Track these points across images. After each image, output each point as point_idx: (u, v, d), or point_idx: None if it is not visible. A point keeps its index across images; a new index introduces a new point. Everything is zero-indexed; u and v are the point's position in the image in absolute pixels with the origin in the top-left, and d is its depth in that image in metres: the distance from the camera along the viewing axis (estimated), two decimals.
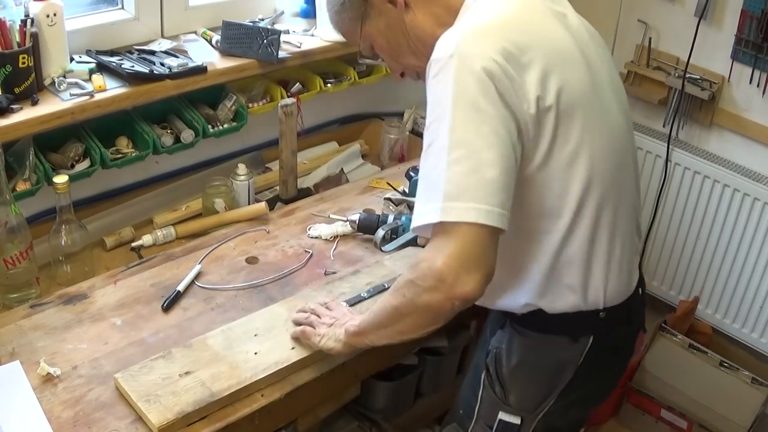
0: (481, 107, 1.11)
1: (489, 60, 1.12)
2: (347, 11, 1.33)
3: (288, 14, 2.16)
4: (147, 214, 1.89)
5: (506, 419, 1.38)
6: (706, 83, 2.41)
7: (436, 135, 1.12)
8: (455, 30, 1.19)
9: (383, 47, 1.37)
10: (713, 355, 2.42)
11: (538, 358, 1.35)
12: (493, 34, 1.16)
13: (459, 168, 1.09)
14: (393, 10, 1.30)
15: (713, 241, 2.54)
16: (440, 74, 1.14)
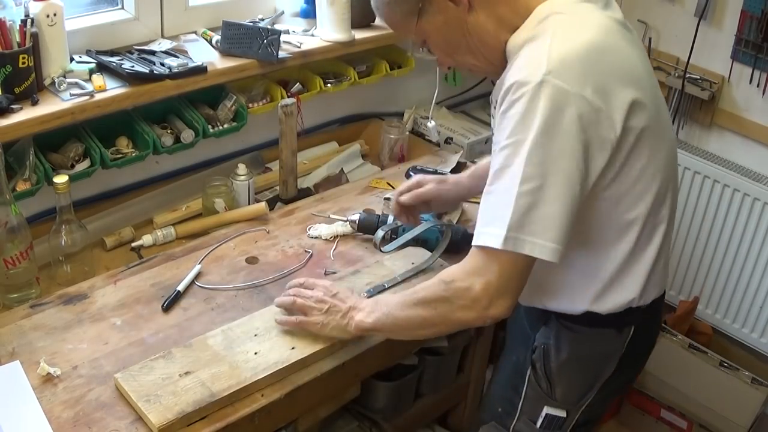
0: (560, 144, 1.14)
1: (578, 97, 1.14)
2: (400, 5, 1.27)
3: (288, 14, 2.15)
4: (147, 214, 1.89)
5: (552, 413, 1.41)
6: (706, 83, 2.41)
7: (512, 160, 1.15)
8: (541, 51, 1.16)
9: (438, 44, 1.32)
10: (713, 355, 2.42)
11: (587, 351, 1.38)
12: (587, 65, 1.17)
13: (526, 200, 1.14)
14: (453, 8, 1.24)
15: (713, 241, 2.54)
16: (525, 100, 1.14)
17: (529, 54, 1.18)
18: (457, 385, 1.94)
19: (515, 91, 1.15)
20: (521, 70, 1.16)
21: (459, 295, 1.23)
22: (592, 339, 1.37)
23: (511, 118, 1.16)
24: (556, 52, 1.15)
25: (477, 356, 1.91)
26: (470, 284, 1.21)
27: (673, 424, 2.44)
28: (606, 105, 1.17)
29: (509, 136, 1.16)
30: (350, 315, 1.39)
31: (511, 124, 1.16)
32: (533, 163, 1.14)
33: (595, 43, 1.19)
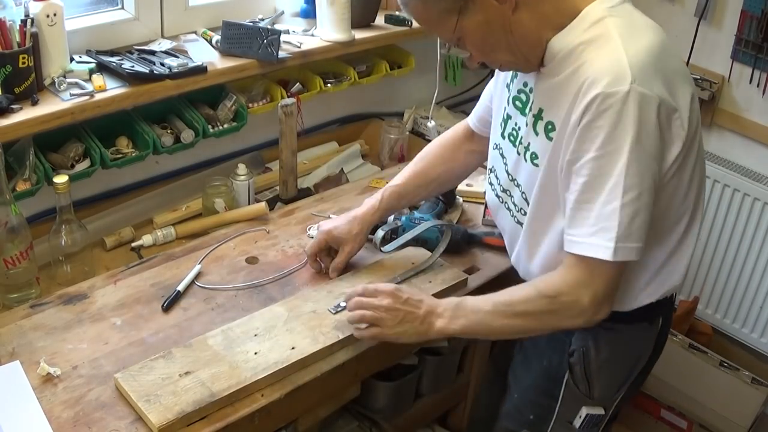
0: (651, 152, 1.19)
1: (660, 101, 1.17)
2: (439, 2, 1.22)
3: (288, 14, 2.16)
4: (147, 214, 1.89)
5: (591, 412, 1.43)
6: (706, 83, 2.41)
7: (609, 170, 1.18)
8: (618, 58, 1.17)
9: (476, 42, 1.28)
10: (713, 355, 2.42)
11: (624, 348, 1.41)
12: (658, 67, 1.20)
13: (629, 211, 1.19)
14: (496, 6, 1.21)
15: (713, 241, 2.54)
16: (615, 110, 1.16)
17: (603, 60, 1.18)
18: (457, 385, 1.94)
19: (602, 102, 1.16)
20: (602, 79, 1.16)
21: (567, 308, 1.27)
22: (629, 335, 1.40)
23: (602, 128, 1.17)
24: (635, 58, 1.17)
25: (477, 356, 1.91)
26: (578, 297, 1.25)
27: (673, 424, 2.44)
28: (678, 104, 1.21)
29: (601, 146, 1.18)
30: (429, 321, 1.36)
31: (602, 135, 1.17)
32: (632, 173, 1.18)
33: (659, 44, 1.23)
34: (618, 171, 1.17)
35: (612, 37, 1.19)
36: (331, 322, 1.50)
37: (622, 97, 1.15)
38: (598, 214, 1.21)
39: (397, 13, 2.20)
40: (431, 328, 1.36)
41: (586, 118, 1.18)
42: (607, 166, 1.18)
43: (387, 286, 1.41)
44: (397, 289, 1.41)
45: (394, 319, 1.37)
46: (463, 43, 1.29)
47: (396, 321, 1.37)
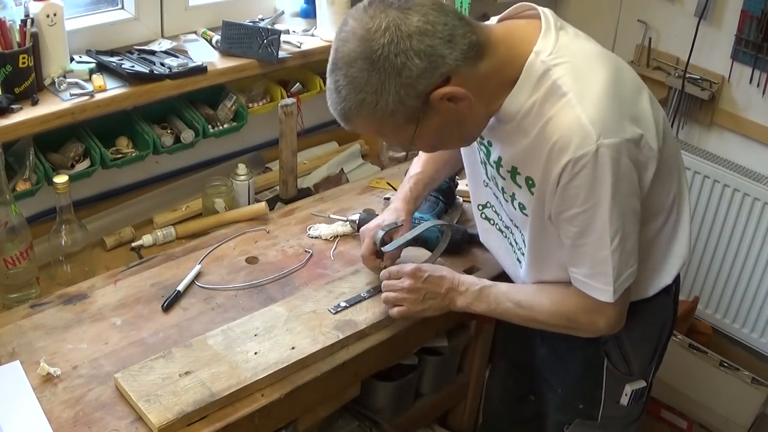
0: (630, 190, 1.24)
1: (626, 141, 1.20)
2: (397, 117, 1.20)
3: (288, 14, 2.15)
4: (147, 214, 1.89)
5: (635, 387, 1.51)
6: (706, 83, 2.41)
7: (593, 222, 1.24)
8: (577, 117, 1.18)
9: (430, 142, 1.31)
10: (713, 355, 2.42)
11: (651, 321, 1.48)
12: (616, 104, 1.22)
13: (619, 251, 1.26)
14: (452, 107, 1.21)
15: (713, 241, 2.54)
16: (588, 170, 1.19)
17: (564, 122, 1.19)
18: (457, 385, 1.94)
19: (574, 166, 1.19)
20: (569, 146, 1.19)
21: (584, 329, 1.38)
22: (652, 309, 1.46)
23: (579, 188, 1.21)
24: (593, 112, 1.19)
25: (477, 356, 1.91)
26: (593, 320, 1.35)
27: (673, 424, 2.44)
28: (642, 127, 1.24)
29: (583, 203, 1.23)
30: (450, 297, 1.47)
31: (582, 193, 1.22)
32: (614, 220, 1.23)
33: (609, 77, 1.23)
34: (602, 222, 1.23)
35: (564, 93, 1.20)
36: (331, 322, 1.50)
37: (591, 157, 1.18)
38: (592, 260, 1.28)
39: None
40: (453, 304, 1.48)
41: (563, 180, 1.22)
42: (592, 218, 1.24)
43: (408, 267, 1.50)
44: (418, 268, 1.49)
45: (417, 298, 1.47)
46: (415, 145, 1.30)
47: (419, 299, 1.48)
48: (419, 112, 1.20)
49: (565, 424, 1.57)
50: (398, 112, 1.19)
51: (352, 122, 1.24)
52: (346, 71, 1.17)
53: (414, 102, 1.18)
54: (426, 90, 1.17)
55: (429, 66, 1.15)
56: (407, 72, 1.15)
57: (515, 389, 1.83)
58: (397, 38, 1.13)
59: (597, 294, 1.30)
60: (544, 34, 1.24)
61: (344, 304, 1.54)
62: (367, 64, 1.15)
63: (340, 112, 1.23)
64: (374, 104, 1.18)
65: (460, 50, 1.17)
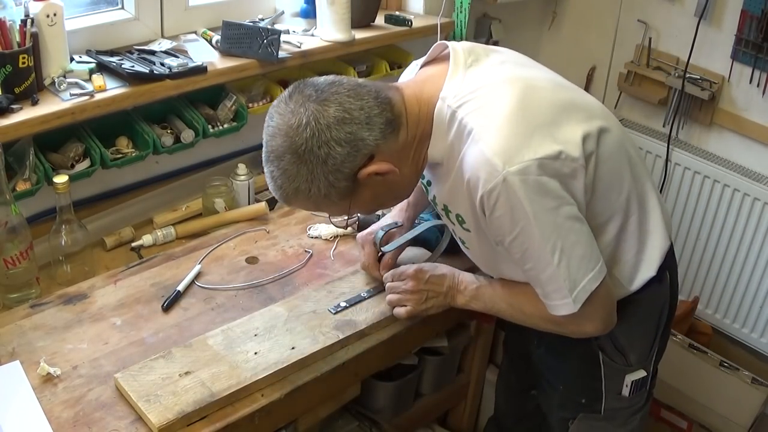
0: (551, 206, 1.24)
1: (539, 161, 1.23)
2: (331, 197, 1.29)
3: (288, 14, 2.16)
4: (147, 214, 1.89)
5: (635, 378, 1.52)
6: (706, 83, 2.41)
7: (529, 245, 1.27)
8: (482, 156, 1.23)
9: (367, 209, 1.43)
10: (713, 355, 2.42)
11: (643, 311, 1.48)
12: (521, 129, 1.24)
13: (564, 264, 1.27)
14: (380, 179, 1.30)
15: (713, 241, 2.54)
16: (503, 200, 1.23)
17: (472, 161, 1.25)
18: (457, 385, 1.94)
19: (488, 199, 1.24)
20: (478, 181, 1.24)
21: (574, 333, 1.40)
22: (645, 300, 1.46)
23: (501, 217, 1.26)
24: (494, 143, 1.23)
25: (477, 356, 1.91)
26: (580, 326, 1.37)
27: (673, 424, 2.44)
28: (559, 143, 1.25)
29: (511, 231, 1.27)
30: (451, 295, 1.52)
31: (507, 222, 1.26)
32: (546, 236, 1.25)
33: (515, 102, 1.26)
34: (536, 242, 1.25)
35: (471, 131, 1.26)
36: (331, 322, 1.50)
37: (501, 188, 1.22)
38: (542, 280, 1.31)
39: (397, 13, 2.20)
40: (454, 301, 1.52)
41: (486, 214, 1.27)
42: (526, 242, 1.27)
43: (410, 269, 1.54)
44: (419, 270, 1.53)
45: (420, 299, 1.52)
46: (353, 213, 1.40)
47: (421, 300, 1.52)
48: (350, 190, 1.29)
49: (570, 420, 1.58)
50: (331, 194, 1.28)
51: (292, 204, 1.35)
52: (278, 164, 1.27)
53: (344, 183, 1.27)
54: (352, 171, 1.26)
55: (351, 150, 1.24)
56: (332, 160, 1.24)
57: (518, 383, 1.83)
58: (318, 131, 1.22)
59: (559, 310, 1.32)
60: (450, 78, 1.32)
61: (344, 304, 1.55)
62: (295, 158, 1.24)
63: (279, 197, 1.33)
64: (308, 191, 1.28)
65: (378, 129, 1.26)
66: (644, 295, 1.46)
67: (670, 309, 1.56)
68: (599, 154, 1.30)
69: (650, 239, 1.42)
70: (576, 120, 1.30)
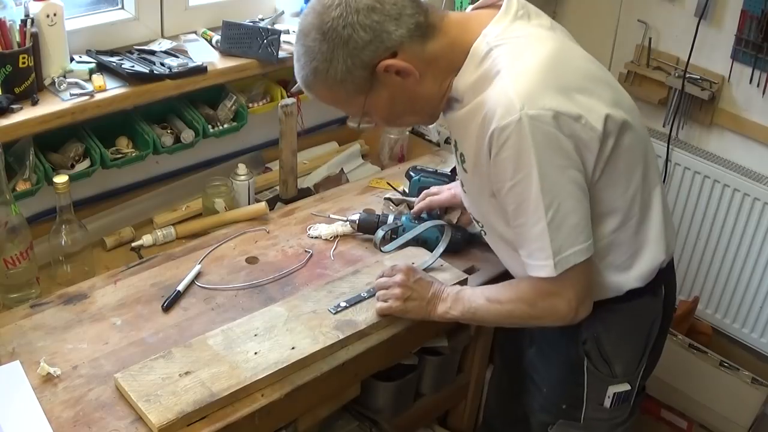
0: (559, 163, 1.24)
1: (556, 113, 1.22)
2: (347, 85, 1.30)
3: (288, 14, 2.15)
4: (147, 214, 1.89)
5: (618, 390, 1.49)
6: (706, 83, 2.41)
7: (525, 196, 1.26)
8: (505, 90, 1.24)
9: (383, 114, 1.38)
10: (713, 355, 2.42)
11: (633, 323, 1.47)
12: (549, 82, 1.25)
13: (556, 224, 1.26)
14: (400, 81, 1.30)
15: (713, 241, 2.54)
16: (513, 140, 1.23)
17: (494, 96, 1.25)
18: (457, 385, 1.94)
19: (499, 136, 1.23)
20: (494, 115, 1.24)
21: (546, 314, 1.37)
22: (635, 311, 1.45)
23: (507, 159, 1.25)
24: (520, 83, 1.23)
25: (477, 356, 1.91)
26: (552, 305, 1.35)
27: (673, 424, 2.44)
28: (581, 108, 1.25)
29: (513, 176, 1.26)
30: (433, 303, 1.49)
31: (510, 166, 1.25)
32: (546, 191, 1.24)
33: (547, 59, 1.27)
34: (534, 194, 1.25)
35: (499, 70, 1.26)
36: (331, 322, 1.50)
37: (515, 127, 1.21)
38: (530, 237, 1.30)
39: None
40: (434, 311, 1.49)
41: (493, 152, 1.26)
42: (524, 192, 1.26)
43: (403, 264, 1.54)
44: (412, 268, 1.53)
45: (403, 294, 1.49)
46: (369, 116, 1.37)
47: (403, 296, 1.50)
48: (367, 83, 1.29)
49: (549, 424, 1.58)
50: (347, 81, 1.28)
51: (311, 89, 1.35)
52: (304, 41, 1.29)
53: (361, 72, 1.27)
54: (371, 62, 1.27)
55: (374, 39, 1.25)
56: (353, 43, 1.25)
57: (509, 388, 1.83)
58: (346, 13, 1.24)
59: (538, 271, 1.30)
60: (497, 20, 1.32)
61: (344, 304, 1.54)
62: (319, 35, 1.26)
63: (301, 79, 1.33)
64: (325, 71, 1.28)
65: (406, 28, 1.26)
66: (635, 306, 1.44)
67: (663, 325, 1.54)
68: (618, 142, 1.30)
69: (645, 249, 1.41)
70: (604, 100, 1.29)
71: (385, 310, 1.51)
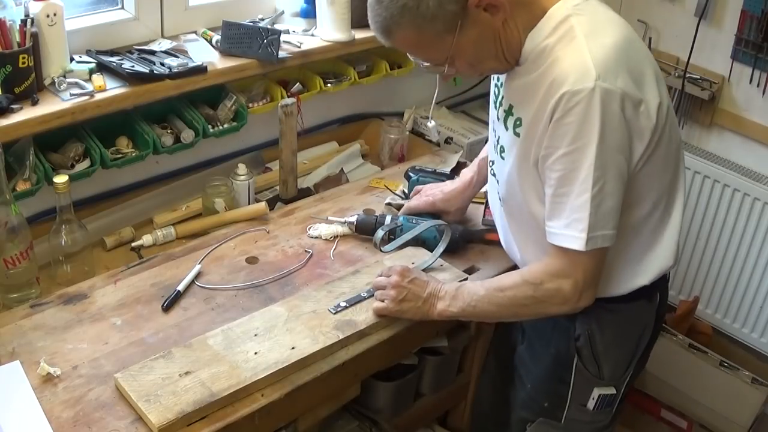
0: (616, 144, 1.24)
1: (624, 94, 1.22)
2: (435, 24, 1.23)
3: (288, 14, 2.15)
4: (147, 214, 1.89)
5: (603, 393, 1.48)
6: (706, 83, 2.41)
7: (579, 165, 1.24)
8: (582, 56, 1.22)
9: (468, 56, 1.32)
10: (713, 355, 2.42)
11: (627, 326, 1.46)
12: (622, 62, 1.24)
13: (598, 201, 1.25)
14: (489, 18, 1.25)
15: (713, 240, 2.54)
16: (582, 107, 1.21)
17: (568, 60, 1.23)
18: (457, 385, 1.94)
19: (569, 100, 1.21)
20: (567, 78, 1.21)
21: (550, 296, 1.34)
22: (630, 314, 1.44)
23: (570, 125, 1.22)
24: (599, 55, 1.21)
25: (477, 356, 1.91)
26: (559, 285, 1.32)
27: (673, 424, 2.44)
28: (644, 95, 1.25)
29: (571, 142, 1.24)
30: (431, 302, 1.48)
31: (571, 131, 1.23)
32: (598, 166, 1.23)
33: (623, 39, 1.27)
34: (587, 164, 1.23)
35: (576, 36, 1.24)
36: (331, 322, 1.50)
37: (587, 94, 1.20)
38: (571, 206, 1.27)
39: None
40: (432, 310, 1.47)
41: (556, 115, 1.24)
42: (578, 161, 1.24)
43: (399, 266, 1.54)
44: (407, 269, 1.52)
45: (398, 295, 1.48)
46: (454, 61, 1.32)
47: (399, 298, 1.48)
48: (458, 19, 1.22)
49: (529, 422, 1.57)
50: (438, 18, 1.21)
51: (393, 34, 1.26)
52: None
53: (453, 6, 1.21)
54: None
55: None
56: None
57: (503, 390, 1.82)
58: None
59: (569, 242, 1.28)
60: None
61: (344, 304, 1.55)
62: None
63: (381, 23, 1.25)
64: (415, 8, 1.20)
65: None
66: (630, 308, 1.44)
67: (653, 334, 1.53)
68: (663, 133, 1.30)
69: (659, 248, 1.41)
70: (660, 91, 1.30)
71: (382, 310, 1.51)
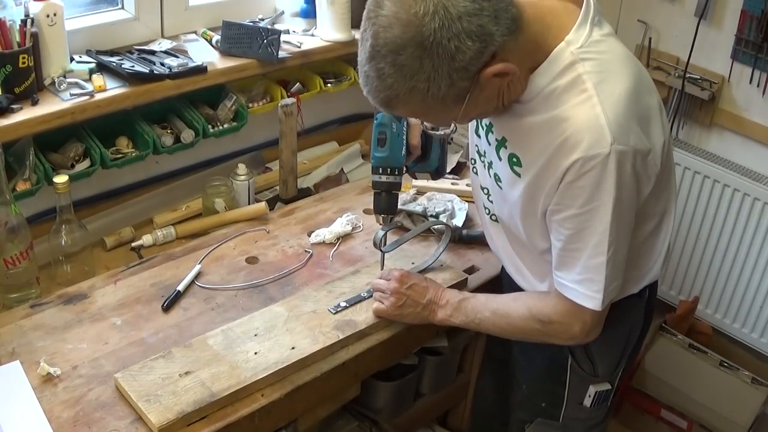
0: (630, 203, 1.23)
1: (635, 151, 1.19)
2: (447, 100, 1.16)
3: (288, 14, 2.15)
4: (147, 214, 1.89)
5: (599, 389, 1.49)
6: (706, 83, 2.41)
7: (592, 225, 1.23)
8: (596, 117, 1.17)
9: (472, 115, 1.29)
10: (713, 355, 2.42)
11: (619, 322, 1.44)
12: (633, 113, 1.21)
13: (612, 262, 1.25)
14: (498, 81, 1.18)
15: (713, 241, 2.54)
16: (596, 172, 1.18)
17: (581, 121, 1.18)
18: (457, 385, 1.94)
19: (583, 165, 1.18)
20: (581, 143, 1.17)
21: (559, 334, 1.36)
22: (620, 311, 1.43)
23: (584, 188, 1.20)
24: (612, 113, 1.18)
25: (477, 356, 1.91)
26: (569, 326, 1.33)
27: (673, 424, 2.44)
28: (651, 142, 1.23)
29: (584, 204, 1.21)
30: (431, 308, 1.49)
31: (585, 194, 1.21)
32: (614, 228, 1.22)
33: (633, 84, 1.23)
34: (602, 228, 1.22)
35: (587, 90, 1.19)
36: (331, 322, 1.50)
37: (602, 160, 1.17)
38: (584, 265, 1.27)
39: None
40: (433, 316, 1.49)
41: (568, 178, 1.20)
42: (590, 222, 1.23)
43: (397, 271, 1.53)
44: (405, 274, 1.51)
45: (397, 301, 1.49)
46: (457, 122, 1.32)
47: (398, 304, 1.49)
48: (466, 92, 1.16)
49: (527, 422, 1.57)
50: (448, 96, 1.16)
51: (395, 108, 1.21)
52: (393, 59, 1.11)
53: (464, 83, 1.15)
54: (477, 70, 1.14)
55: (481, 47, 1.11)
56: (461, 56, 1.10)
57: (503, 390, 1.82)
58: (447, 22, 1.08)
59: (583, 301, 1.29)
60: (579, 26, 1.22)
61: (344, 304, 1.55)
62: (419, 52, 1.10)
63: (383, 99, 1.18)
64: (425, 90, 1.14)
65: (505, 25, 1.13)
66: (621, 307, 1.43)
67: (643, 328, 1.54)
68: (666, 166, 1.29)
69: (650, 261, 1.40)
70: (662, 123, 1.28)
71: (381, 312, 1.51)
